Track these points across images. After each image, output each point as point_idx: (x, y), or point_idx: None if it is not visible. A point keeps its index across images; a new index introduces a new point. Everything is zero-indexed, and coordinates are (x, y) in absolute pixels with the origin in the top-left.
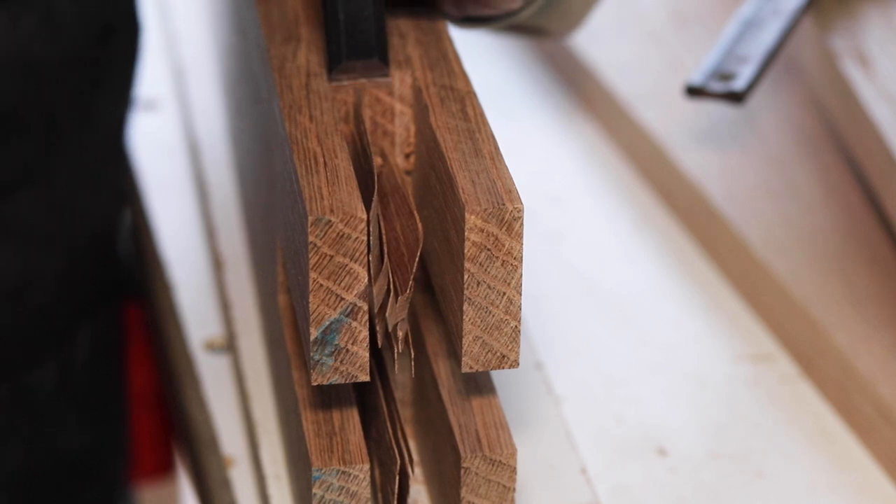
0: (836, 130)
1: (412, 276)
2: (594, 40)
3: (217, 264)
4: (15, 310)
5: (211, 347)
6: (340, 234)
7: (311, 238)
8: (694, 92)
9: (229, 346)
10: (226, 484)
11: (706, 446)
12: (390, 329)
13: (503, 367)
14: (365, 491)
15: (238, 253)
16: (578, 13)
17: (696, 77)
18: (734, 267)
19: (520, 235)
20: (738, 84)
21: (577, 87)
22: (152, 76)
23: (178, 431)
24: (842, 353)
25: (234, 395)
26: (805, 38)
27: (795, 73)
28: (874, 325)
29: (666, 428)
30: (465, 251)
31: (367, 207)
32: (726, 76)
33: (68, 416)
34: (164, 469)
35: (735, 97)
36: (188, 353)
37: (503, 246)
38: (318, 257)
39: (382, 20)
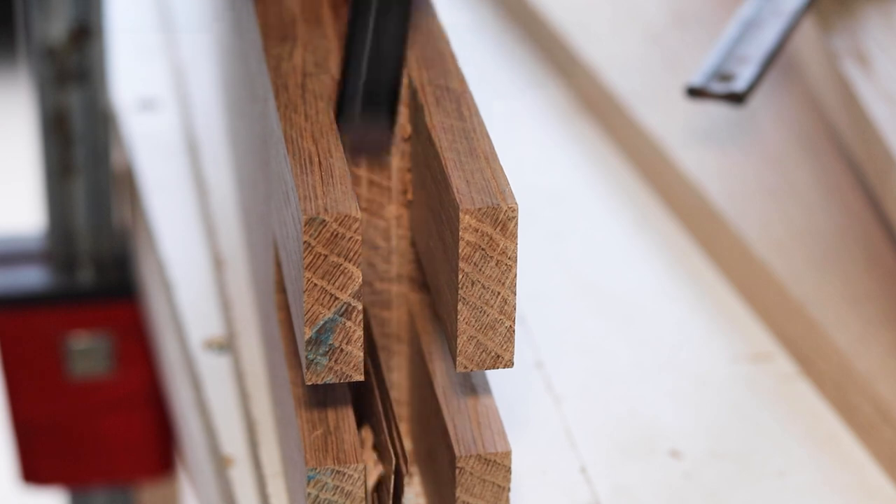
0: (836, 130)
1: None
2: (594, 40)
3: (217, 264)
4: None
5: (210, 347)
6: (335, 233)
7: (305, 237)
8: (694, 93)
9: (229, 345)
10: (225, 484)
11: (706, 445)
12: None
13: (497, 367)
14: (360, 490)
15: (238, 252)
16: None
17: (697, 77)
18: (734, 267)
19: (514, 235)
20: (739, 85)
21: (577, 87)
22: (152, 76)
23: (177, 431)
24: (841, 353)
25: (233, 395)
26: (805, 38)
27: (795, 73)
28: (873, 325)
29: (666, 427)
30: (460, 251)
31: None
32: (726, 77)
33: None
34: (164, 469)
35: (735, 98)
36: (188, 352)
37: (497, 246)
38: (312, 257)
39: (399, 80)
